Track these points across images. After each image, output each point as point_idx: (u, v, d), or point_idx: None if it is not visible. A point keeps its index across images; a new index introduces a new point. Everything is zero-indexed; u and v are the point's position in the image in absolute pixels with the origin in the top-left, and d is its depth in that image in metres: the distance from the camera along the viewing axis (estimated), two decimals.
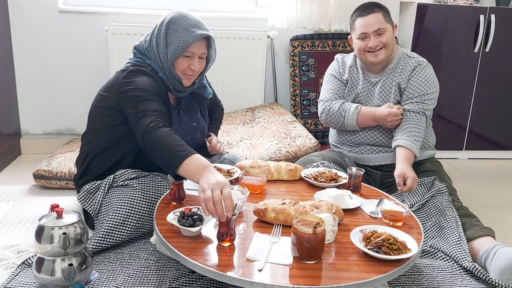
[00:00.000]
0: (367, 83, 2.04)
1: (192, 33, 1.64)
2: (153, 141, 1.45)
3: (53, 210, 1.32)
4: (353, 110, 1.98)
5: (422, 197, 1.80)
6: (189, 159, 1.38)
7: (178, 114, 1.80)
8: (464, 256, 1.57)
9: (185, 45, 1.64)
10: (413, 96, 1.94)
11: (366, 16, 1.92)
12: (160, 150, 1.44)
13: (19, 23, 2.69)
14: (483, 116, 3.05)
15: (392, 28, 1.97)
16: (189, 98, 1.87)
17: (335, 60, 2.17)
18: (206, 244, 1.27)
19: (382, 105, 1.98)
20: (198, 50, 1.69)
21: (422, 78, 1.96)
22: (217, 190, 1.26)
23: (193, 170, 1.37)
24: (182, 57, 1.67)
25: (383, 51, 1.94)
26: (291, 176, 1.78)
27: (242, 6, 3.01)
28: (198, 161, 1.39)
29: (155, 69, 1.71)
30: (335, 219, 1.30)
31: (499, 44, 2.93)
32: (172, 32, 1.65)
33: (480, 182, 2.67)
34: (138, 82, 1.61)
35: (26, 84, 2.79)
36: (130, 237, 1.61)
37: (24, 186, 2.25)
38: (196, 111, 1.89)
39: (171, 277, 1.42)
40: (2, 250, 1.64)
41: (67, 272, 1.28)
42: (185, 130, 1.80)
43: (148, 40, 1.72)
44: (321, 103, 2.11)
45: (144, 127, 1.48)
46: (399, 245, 1.25)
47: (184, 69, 1.69)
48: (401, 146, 1.87)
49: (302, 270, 1.16)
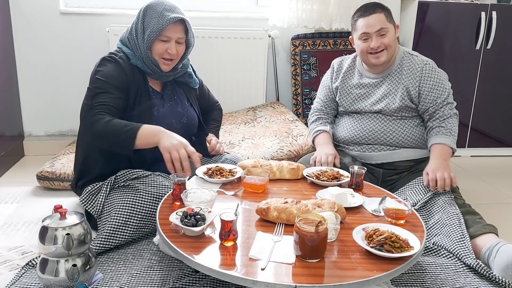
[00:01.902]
0: (365, 85, 2.04)
1: (166, 17, 1.68)
2: (99, 130, 1.55)
3: (57, 211, 1.33)
4: (312, 134, 2.15)
5: (424, 195, 1.80)
6: (140, 130, 1.53)
7: (161, 98, 1.83)
8: (467, 253, 1.57)
9: (160, 28, 1.68)
10: (437, 103, 1.92)
11: (368, 17, 1.92)
12: (110, 135, 1.55)
13: (21, 26, 2.71)
14: (485, 114, 3.04)
15: (394, 29, 1.96)
16: (174, 86, 1.90)
17: (331, 66, 2.20)
18: (208, 244, 1.27)
19: (385, 107, 1.97)
20: (174, 35, 1.72)
21: (437, 80, 1.94)
22: (182, 149, 1.47)
23: (148, 136, 1.53)
24: (158, 41, 1.71)
25: (385, 53, 1.93)
26: (293, 175, 1.78)
27: (243, 6, 3.01)
28: (149, 128, 1.54)
29: (128, 55, 1.75)
30: (337, 217, 1.30)
31: (501, 41, 2.92)
32: (148, 17, 1.71)
33: (482, 180, 2.66)
34: (103, 72, 1.67)
35: (29, 86, 2.80)
36: (133, 238, 1.62)
37: (28, 187, 2.26)
38: (182, 99, 1.91)
39: (174, 277, 1.42)
40: (6, 251, 1.65)
41: (71, 272, 1.28)
42: (168, 113, 1.82)
43: (129, 29, 1.78)
44: (311, 110, 2.24)
45: (87, 120, 1.59)
46: (401, 243, 1.25)
47: (161, 53, 1.73)
48: (434, 144, 1.89)
49: (305, 269, 1.16)
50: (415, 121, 2.00)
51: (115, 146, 1.57)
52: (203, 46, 2.83)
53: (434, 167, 1.79)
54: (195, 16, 2.89)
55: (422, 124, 2.01)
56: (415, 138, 1.99)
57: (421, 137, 2.00)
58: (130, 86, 1.71)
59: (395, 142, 1.99)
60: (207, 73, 2.88)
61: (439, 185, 1.75)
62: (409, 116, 1.99)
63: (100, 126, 1.55)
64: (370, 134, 2.01)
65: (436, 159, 1.83)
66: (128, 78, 1.71)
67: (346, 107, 2.09)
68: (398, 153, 1.99)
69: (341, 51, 3.02)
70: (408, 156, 1.99)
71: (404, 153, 1.99)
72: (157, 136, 1.52)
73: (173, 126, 1.74)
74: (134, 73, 1.74)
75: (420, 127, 2.00)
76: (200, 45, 2.82)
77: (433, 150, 1.89)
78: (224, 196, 1.59)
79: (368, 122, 2.02)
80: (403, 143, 1.98)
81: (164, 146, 1.48)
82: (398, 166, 2.00)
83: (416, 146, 2.00)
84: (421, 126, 2.01)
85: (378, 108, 1.99)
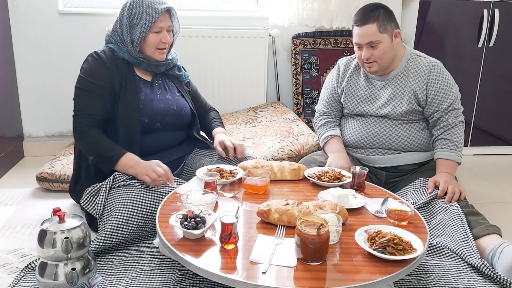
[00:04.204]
0: (371, 87, 2.01)
1: (155, 10, 1.75)
2: (89, 141, 1.71)
3: (55, 214, 1.32)
4: (322, 139, 2.09)
5: (426, 196, 1.78)
6: (121, 160, 1.67)
7: (151, 87, 1.88)
8: (471, 253, 1.55)
9: (152, 22, 1.75)
10: (442, 108, 1.90)
11: (360, 27, 1.87)
12: (95, 151, 1.70)
13: (19, 26, 2.69)
14: (488, 112, 3.02)
15: (389, 38, 1.88)
16: (164, 78, 1.95)
17: (336, 66, 2.15)
18: (209, 247, 1.26)
19: (391, 110, 1.94)
20: (165, 24, 1.80)
21: (444, 83, 1.90)
22: (157, 167, 1.64)
23: (126, 166, 1.67)
24: (152, 33, 1.78)
25: (375, 65, 1.90)
26: (294, 175, 1.76)
27: (243, 5, 2.99)
28: (128, 159, 1.68)
29: (114, 49, 1.82)
30: (339, 219, 1.28)
31: (503, 39, 2.90)
32: (136, 13, 1.76)
33: (485, 179, 2.64)
34: (84, 69, 1.77)
35: (28, 87, 2.79)
36: (134, 236, 1.61)
37: (28, 189, 2.25)
38: (172, 90, 1.96)
39: (174, 279, 1.41)
40: (5, 254, 1.64)
41: (70, 276, 1.27)
42: (157, 99, 1.86)
43: (112, 28, 1.84)
44: (316, 112, 2.20)
45: (77, 126, 1.73)
46: (404, 245, 1.24)
47: (156, 44, 1.80)
48: (439, 158, 1.89)
49: (307, 272, 1.15)
50: (421, 125, 1.97)
51: (97, 158, 1.71)
52: (204, 46, 2.81)
53: (446, 178, 1.79)
54: (195, 15, 2.88)
55: (427, 127, 1.98)
56: (420, 142, 1.96)
57: (426, 140, 1.97)
58: (114, 77, 1.76)
59: (399, 147, 1.96)
60: (207, 72, 2.87)
61: (448, 198, 1.73)
62: (415, 120, 1.96)
63: (90, 140, 1.71)
64: (375, 138, 1.98)
65: (444, 172, 1.83)
66: (110, 70, 1.76)
67: (351, 109, 2.06)
68: (402, 157, 1.97)
69: (342, 50, 3.00)
70: (412, 160, 1.97)
71: (408, 156, 1.97)
72: (133, 168, 1.66)
73: (161, 111, 1.83)
74: (118, 64, 1.79)
75: (426, 130, 1.98)
76: (201, 45, 2.81)
77: (440, 164, 1.88)
78: (225, 198, 1.58)
79: (373, 126, 1.99)
80: (408, 147, 1.96)
81: (141, 174, 1.65)
82: (402, 169, 1.98)
83: (421, 150, 1.98)
84: (426, 130, 1.98)
85: (384, 112, 1.96)
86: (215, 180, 1.58)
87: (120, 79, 1.77)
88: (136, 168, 1.66)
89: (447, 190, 1.74)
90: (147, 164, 1.66)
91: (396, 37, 1.91)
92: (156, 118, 1.82)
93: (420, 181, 1.85)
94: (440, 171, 1.84)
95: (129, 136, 1.76)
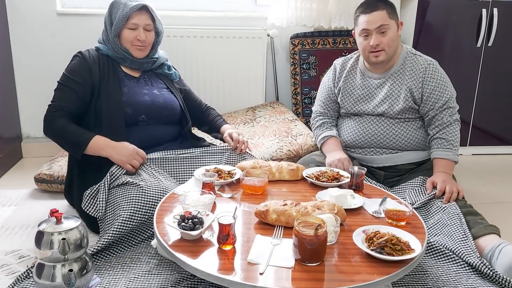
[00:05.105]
0: (368, 85, 2.01)
1: (128, 6, 1.84)
2: (55, 129, 1.75)
3: (53, 215, 1.31)
4: (319, 140, 2.10)
5: (423, 196, 1.78)
6: (91, 142, 1.71)
7: (137, 82, 1.93)
8: (470, 252, 1.54)
9: (125, 17, 1.83)
10: (436, 107, 1.90)
11: (370, 14, 1.88)
12: (65, 136, 1.75)
13: (18, 27, 2.69)
14: (487, 112, 3.02)
15: (396, 26, 1.92)
16: (153, 76, 2.00)
17: (332, 66, 2.15)
18: (206, 248, 1.25)
19: (388, 108, 1.94)
20: (141, 22, 1.86)
21: (439, 81, 1.91)
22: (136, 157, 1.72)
23: (97, 149, 1.72)
24: (126, 29, 1.86)
25: (383, 53, 1.90)
26: (292, 176, 1.76)
27: (242, 5, 2.99)
28: (98, 142, 1.72)
29: (99, 48, 1.91)
30: (337, 219, 1.28)
31: (502, 39, 2.90)
32: (114, 10, 1.87)
33: (484, 178, 2.64)
34: (68, 68, 1.85)
35: (26, 87, 2.78)
36: (136, 234, 1.61)
37: (26, 190, 2.25)
38: (160, 86, 1.99)
39: (172, 280, 1.40)
40: (3, 255, 1.63)
41: (67, 277, 1.27)
42: (142, 93, 1.90)
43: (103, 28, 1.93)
44: (312, 113, 2.20)
45: (46, 116, 1.77)
46: (402, 245, 1.23)
47: (131, 40, 1.87)
48: (436, 158, 1.89)
49: (304, 273, 1.14)
50: (417, 123, 1.97)
51: (66, 145, 1.79)
52: (202, 46, 2.81)
53: (444, 178, 1.79)
54: (194, 15, 2.87)
55: (424, 126, 1.98)
56: (417, 140, 1.96)
57: (423, 139, 1.97)
58: (94, 74, 1.83)
59: (397, 146, 1.96)
60: (205, 73, 2.87)
61: (446, 198, 1.73)
62: (412, 118, 1.96)
63: (56, 128, 1.75)
64: (372, 138, 1.98)
65: (442, 172, 1.83)
66: (91, 67, 1.84)
67: (348, 108, 2.06)
68: (400, 156, 1.97)
69: (340, 50, 3.00)
70: (410, 159, 1.97)
71: (406, 156, 1.97)
72: (104, 150, 1.72)
73: (146, 103, 1.87)
74: (101, 62, 1.87)
75: (423, 128, 1.98)
76: (199, 45, 2.81)
77: (437, 164, 1.88)
78: (223, 198, 1.57)
79: (370, 126, 1.99)
80: (405, 146, 1.96)
81: (118, 160, 1.71)
82: (400, 169, 1.98)
83: (418, 149, 1.98)
84: (423, 128, 1.98)
85: (380, 111, 1.96)
86: (213, 181, 1.58)
87: (102, 75, 1.84)
88: (108, 150, 1.71)
89: (445, 190, 1.74)
90: (121, 148, 1.72)
91: (400, 28, 1.94)
92: (139, 110, 1.85)
93: (419, 179, 1.85)
94: (437, 171, 1.84)
95: (112, 128, 1.79)
